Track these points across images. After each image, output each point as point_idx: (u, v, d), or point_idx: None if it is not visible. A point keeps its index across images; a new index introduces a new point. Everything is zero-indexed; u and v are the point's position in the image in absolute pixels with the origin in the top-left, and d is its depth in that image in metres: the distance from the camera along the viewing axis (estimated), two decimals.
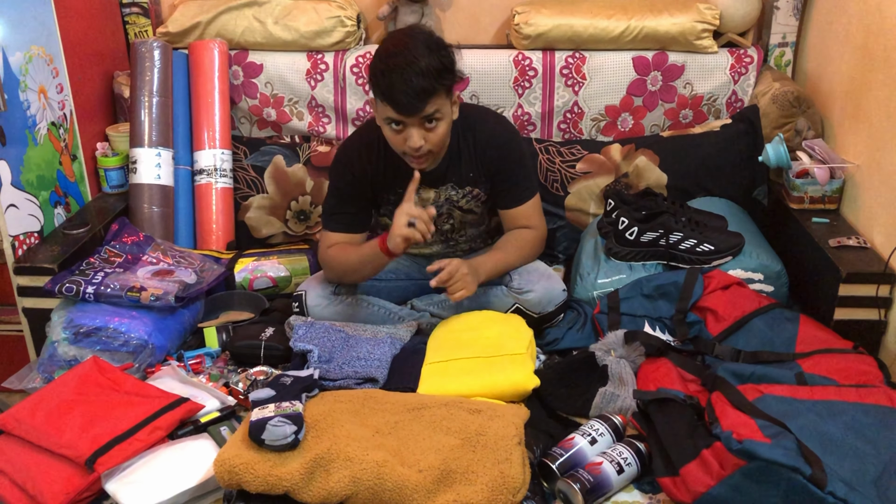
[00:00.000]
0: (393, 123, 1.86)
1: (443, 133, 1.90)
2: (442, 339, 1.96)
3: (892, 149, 1.95)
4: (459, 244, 2.21)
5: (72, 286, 1.96)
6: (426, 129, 1.87)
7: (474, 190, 2.08)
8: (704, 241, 2.07)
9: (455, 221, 2.14)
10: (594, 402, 1.74)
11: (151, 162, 2.41)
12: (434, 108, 1.84)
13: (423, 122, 1.85)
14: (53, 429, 1.60)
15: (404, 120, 1.84)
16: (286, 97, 2.59)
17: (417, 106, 1.81)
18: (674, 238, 2.08)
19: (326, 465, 1.49)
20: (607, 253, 2.17)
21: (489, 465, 1.48)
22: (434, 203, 2.08)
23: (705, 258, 2.06)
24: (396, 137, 1.89)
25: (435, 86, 1.81)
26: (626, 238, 2.12)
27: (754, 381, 1.66)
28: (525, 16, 2.47)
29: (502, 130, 2.07)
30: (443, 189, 2.07)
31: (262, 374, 1.87)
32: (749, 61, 2.50)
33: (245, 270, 2.32)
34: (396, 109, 1.82)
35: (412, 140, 1.86)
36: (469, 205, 2.11)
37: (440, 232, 2.17)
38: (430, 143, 1.88)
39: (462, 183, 2.07)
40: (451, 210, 2.11)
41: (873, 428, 1.48)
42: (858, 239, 2.02)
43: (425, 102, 1.81)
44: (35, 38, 2.18)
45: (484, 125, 2.05)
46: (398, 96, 1.79)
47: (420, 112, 1.82)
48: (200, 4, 2.56)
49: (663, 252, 2.10)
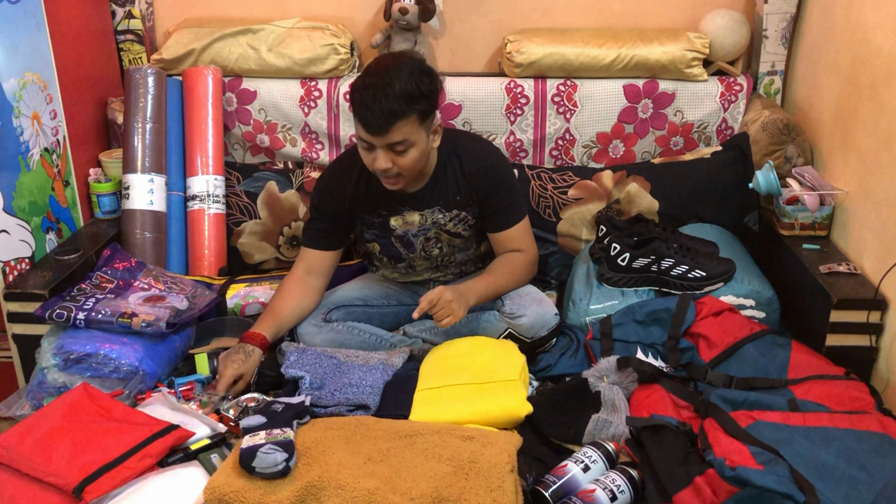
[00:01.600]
0: (363, 143, 1.88)
1: (413, 159, 1.89)
2: (434, 366, 1.95)
3: (880, 175, 1.96)
4: (450, 268, 2.22)
5: (62, 312, 1.95)
6: (395, 152, 1.87)
7: (461, 213, 2.09)
8: (696, 268, 2.07)
9: (443, 245, 2.14)
10: (587, 429, 1.73)
11: (144, 188, 2.41)
12: (402, 136, 1.84)
13: (392, 146, 1.86)
14: (41, 456, 1.58)
15: (372, 141, 1.85)
16: (280, 123, 2.60)
17: (383, 127, 1.81)
18: (665, 264, 2.08)
19: (317, 493, 1.48)
20: (599, 279, 2.17)
21: (482, 493, 1.47)
22: (420, 227, 2.09)
23: (697, 284, 2.07)
24: (367, 156, 1.91)
25: (405, 110, 1.81)
26: (618, 264, 2.13)
27: (747, 407, 1.66)
28: (517, 44, 2.50)
29: (488, 154, 2.08)
30: (428, 212, 2.08)
31: (254, 400, 1.86)
32: (739, 89, 2.52)
33: (237, 296, 2.32)
34: (365, 129, 1.84)
35: (378, 161, 1.87)
36: (456, 228, 2.11)
37: (430, 258, 2.17)
38: (400, 167, 1.89)
39: (449, 206, 2.07)
40: (438, 234, 2.12)
41: (866, 454, 1.48)
42: (849, 265, 2.03)
43: (391, 125, 1.81)
44: (29, 65, 2.19)
45: (470, 150, 2.07)
46: (367, 115, 1.81)
47: (385, 135, 1.82)
48: (195, 32, 2.58)
49: (655, 278, 2.11)
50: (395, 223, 2.10)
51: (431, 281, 2.24)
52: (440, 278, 2.23)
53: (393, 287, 2.24)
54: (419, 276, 2.23)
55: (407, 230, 2.10)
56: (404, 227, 2.10)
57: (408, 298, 2.22)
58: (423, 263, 2.19)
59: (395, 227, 2.10)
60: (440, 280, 2.23)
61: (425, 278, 2.23)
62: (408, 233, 2.11)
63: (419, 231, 2.10)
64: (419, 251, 2.14)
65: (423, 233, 2.10)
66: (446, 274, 2.23)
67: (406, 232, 2.11)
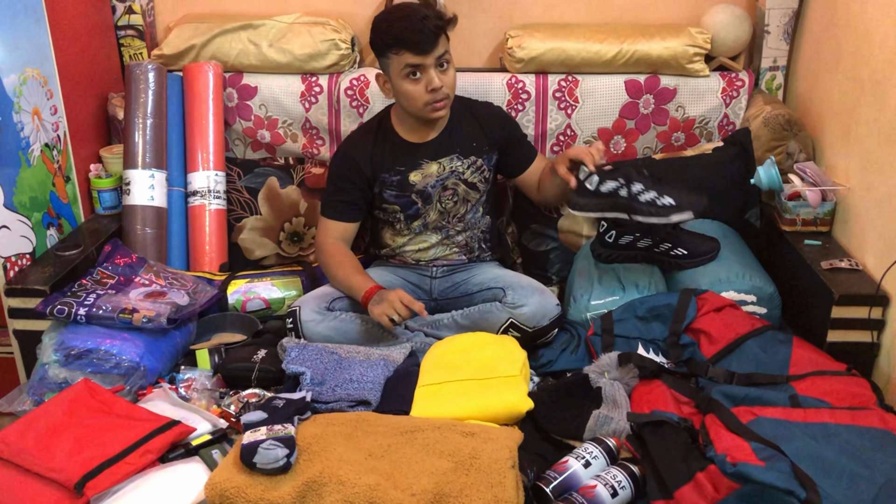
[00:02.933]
0: (411, 74, 2.01)
1: (453, 76, 2.08)
2: (435, 362, 1.95)
3: (882, 171, 1.96)
4: (454, 227, 2.25)
5: (63, 308, 1.95)
6: (440, 71, 2.03)
7: (478, 161, 2.20)
8: (679, 245, 2.13)
9: (459, 199, 2.21)
10: (588, 425, 1.73)
11: (145, 183, 2.41)
12: (444, 48, 2.02)
13: (438, 63, 2.02)
14: (43, 452, 1.59)
15: (423, 61, 1.99)
16: (280, 119, 2.60)
17: (433, 41, 1.98)
18: (635, 188, 2.01)
19: (318, 489, 1.48)
20: (592, 254, 2.22)
21: (483, 489, 1.47)
22: (438, 177, 2.18)
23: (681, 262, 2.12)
24: (416, 87, 2.03)
25: (442, 25, 2.00)
26: (606, 240, 2.16)
27: (748, 403, 1.66)
28: (518, 40, 2.49)
29: (495, 106, 2.32)
30: (446, 160, 2.17)
31: (255, 396, 1.86)
32: (740, 85, 2.52)
33: (238, 292, 2.32)
34: (415, 50, 1.98)
35: (433, 81, 2.01)
36: (473, 178, 2.21)
37: (444, 211, 2.23)
38: (447, 85, 2.05)
39: (466, 152, 2.19)
40: (456, 184, 2.19)
41: (867, 450, 1.48)
42: (850, 261, 2.02)
43: (438, 38, 1.99)
44: (30, 60, 2.19)
45: (478, 102, 2.30)
46: (415, 36, 1.97)
47: (435, 49, 1.99)
48: (195, 27, 2.58)
49: (626, 205, 2.01)
50: (415, 178, 2.18)
51: (437, 261, 2.28)
52: (444, 242, 2.26)
53: (396, 280, 2.25)
54: (426, 242, 2.26)
55: (426, 183, 2.18)
56: (424, 181, 2.18)
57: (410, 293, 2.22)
58: (435, 219, 2.23)
59: (414, 182, 2.18)
60: (444, 243, 2.26)
61: (431, 244, 2.26)
62: (427, 186, 2.18)
63: (437, 181, 2.19)
64: (436, 202, 2.21)
65: (440, 182, 2.19)
66: (450, 243, 2.26)
67: (426, 186, 2.18)
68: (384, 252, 2.32)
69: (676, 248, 2.11)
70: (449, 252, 2.27)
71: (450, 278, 2.26)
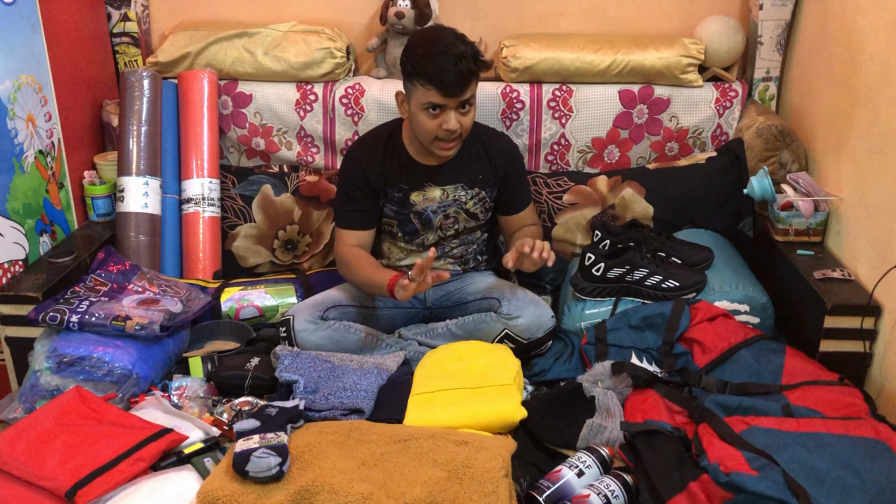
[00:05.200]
0: (431, 108, 1.96)
1: (472, 117, 2.03)
2: (429, 370, 1.95)
3: (874, 182, 1.97)
4: (450, 243, 2.24)
5: (56, 315, 1.94)
6: (461, 113, 1.98)
7: (482, 192, 2.17)
8: (669, 278, 2.08)
9: (460, 226, 2.20)
10: (581, 434, 1.73)
11: (139, 190, 2.41)
12: (471, 92, 1.98)
13: (460, 106, 1.97)
14: (34, 460, 1.58)
15: (446, 103, 1.95)
16: (275, 127, 2.60)
17: (464, 87, 1.94)
18: (639, 274, 2.09)
19: (311, 498, 1.47)
20: (574, 288, 2.18)
21: (476, 498, 1.47)
22: (440, 203, 2.16)
23: (671, 294, 2.08)
24: (432, 123, 1.98)
25: (475, 70, 1.95)
26: (593, 274, 2.13)
27: (741, 412, 1.66)
28: (513, 49, 2.50)
29: (508, 140, 2.28)
30: (451, 188, 2.15)
31: (247, 404, 1.85)
32: (734, 95, 2.53)
33: (231, 300, 2.31)
34: (442, 91, 1.93)
35: (450, 123, 1.97)
36: (475, 208, 2.19)
37: (445, 238, 2.22)
38: (463, 127, 2.01)
39: (472, 183, 2.16)
40: (457, 212, 2.18)
41: (860, 460, 1.48)
42: (843, 271, 2.03)
43: (468, 84, 1.94)
44: (24, 67, 2.19)
45: (491, 134, 2.23)
46: (447, 77, 1.91)
47: (463, 94, 1.95)
48: (191, 35, 2.58)
49: (628, 288, 2.11)
50: (416, 199, 2.15)
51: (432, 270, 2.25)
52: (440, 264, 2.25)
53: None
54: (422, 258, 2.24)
55: (426, 206, 2.16)
56: (424, 204, 2.16)
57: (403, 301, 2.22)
58: (434, 241, 2.22)
59: (414, 202, 2.16)
60: (440, 265, 2.25)
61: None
62: (427, 209, 2.16)
63: (439, 207, 2.17)
64: (436, 228, 2.19)
65: (442, 209, 2.17)
66: (447, 255, 2.25)
67: (425, 209, 2.16)
68: (383, 262, 2.30)
69: (668, 281, 2.08)
70: (444, 263, 2.27)
71: (444, 287, 2.26)
